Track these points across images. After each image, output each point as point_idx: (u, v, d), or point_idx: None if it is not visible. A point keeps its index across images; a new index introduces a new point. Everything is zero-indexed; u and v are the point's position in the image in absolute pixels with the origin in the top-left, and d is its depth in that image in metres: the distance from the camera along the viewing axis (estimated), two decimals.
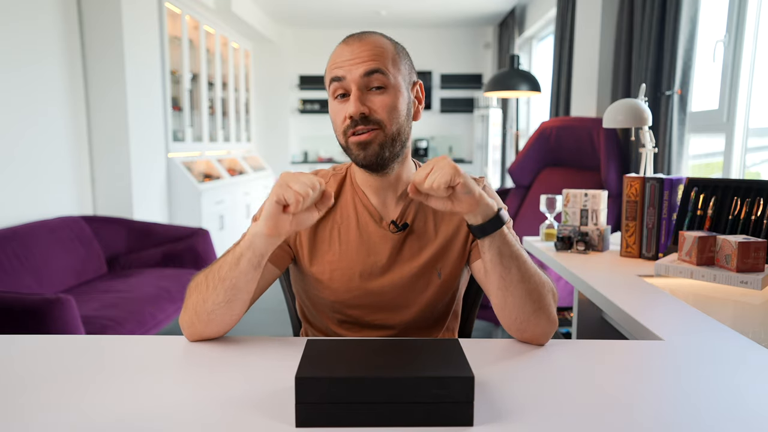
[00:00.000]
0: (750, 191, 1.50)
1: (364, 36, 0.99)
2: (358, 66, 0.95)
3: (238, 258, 0.90)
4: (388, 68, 0.96)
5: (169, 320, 2.75)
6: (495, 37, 6.75)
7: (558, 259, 1.68)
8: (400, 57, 1.00)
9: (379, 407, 0.68)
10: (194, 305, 0.93)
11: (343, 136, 0.99)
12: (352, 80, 0.95)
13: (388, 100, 0.96)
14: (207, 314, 0.92)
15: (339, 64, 0.96)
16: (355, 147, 0.98)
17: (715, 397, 0.77)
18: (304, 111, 7.15)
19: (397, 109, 0.98)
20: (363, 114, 0.95)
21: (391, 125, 0.97)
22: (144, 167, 3.89)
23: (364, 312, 1.06)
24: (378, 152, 0.97)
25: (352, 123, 0.96)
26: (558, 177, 3.45)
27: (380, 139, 0.97)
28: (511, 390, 0.78)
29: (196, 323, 0.94)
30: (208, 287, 0.92)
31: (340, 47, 0.99)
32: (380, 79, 0.96)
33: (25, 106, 2.97)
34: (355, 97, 0.95)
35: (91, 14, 3.49)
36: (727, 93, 2.27)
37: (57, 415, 0.71)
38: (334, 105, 0.99)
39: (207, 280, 0.93)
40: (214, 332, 0.95)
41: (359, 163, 1.00)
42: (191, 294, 0.95)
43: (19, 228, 2.77)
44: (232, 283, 0.90)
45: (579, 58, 3.68)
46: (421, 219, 1.06)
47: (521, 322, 0.93)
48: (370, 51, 0.96)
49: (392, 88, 0.97)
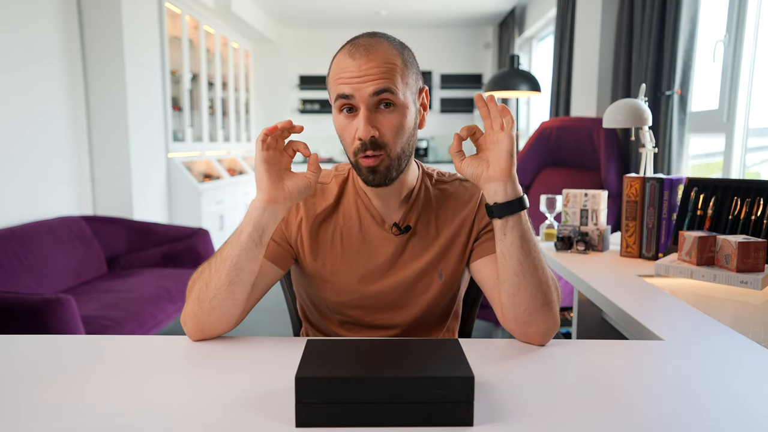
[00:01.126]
0: (750, 191, 1.50)
1: (371, 48, 0.94)
2: (368, 85, 0.92)
3: (239, 234, 0.92)
4: (398, 86, 0.94)
5: (169, 320, 2.75)
6: (495, 37, 6.75)
7: (558, 259, 1.69)
8: (408, 68, 0.97)
9: (379, 407, 0.68)
10: (197, 294, 0.94)
11: (353, 155, 0.98)
12: (360, 99, 0.93)
13: (396, 120, 0.95)
14: (209, 301, 0.93)
15: (346, 80, 0.93)
16: (365, 169, 0.97)
17: (715, 397, 0.77)
18: (304, 111, 7.15)
19: (404, 129, 0.96)
20: (372, 137, 0.94)
21: (396, 147, 0.96)
22: (144, 167, 3.89)
23: (365, 313, 1.06)
24: (386, 175, 0.97)
25: (362, 146, 0.95)
26: (558, 177, 3.45)
27: (386, 163, 0.96)
28: (511, 390, 0.78)
29: (198, 313, 0.94)
30: (211, 271, 0.94)
31: (346, 59, 0.94)
32: (389, 96, 0.93)
33: (25, 106, 2.97)
34: (365, 120, 0.93)
35: (91, 14, 3.50)
36: (727, 93, 2.27)
37: (57, 414, 0.71)
38: (340, 119, 0.97)
39: (210, 265, 0.95)
40: (216, 323, 0.94)
41: (368, 183, 0.99)
42: (194, 284, 0.96)
43: (19, 228, 2.77)
44: (233, 262, 0.91)
45: (579, 58, 3.68)
46: (424, 221, 1.06)
47: (530, 314, 0.92)
48: (379, 68, 0.92)
49: (401, 106, 0.95)
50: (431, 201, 1.07)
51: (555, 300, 0.95)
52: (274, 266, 1.03)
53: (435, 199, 1.08)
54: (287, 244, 1.05)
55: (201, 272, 0.96)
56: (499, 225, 0.92)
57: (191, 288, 0.97)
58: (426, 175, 1.10)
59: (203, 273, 0.95)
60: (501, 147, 0.90)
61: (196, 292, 0.95)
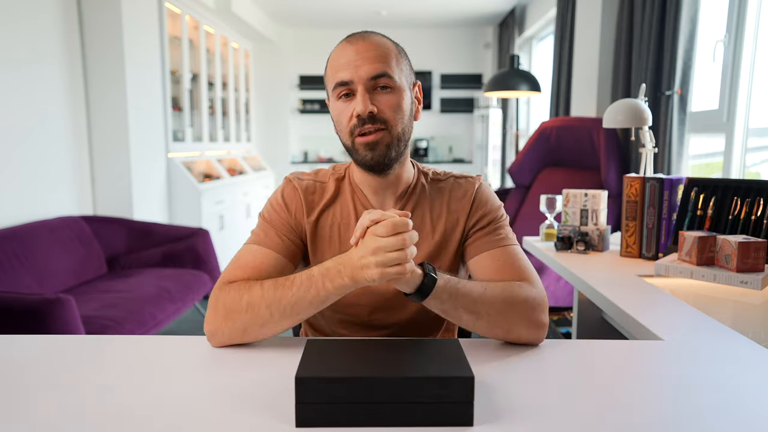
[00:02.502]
0: (750, 191, 1.50)
1: (366, 36, 0.99)
2: (365, 67, 0.95)
3: (323, 301, 0.89)
4: (393, 69, 0.97)
5: (169, 320, 2.74)
6: (495, 37, 6.75)
7: (558, 259, 1.69)
8: (402, 57, 1.01)
9: (379, 407, 0.68)
10: (244, 325, 0.90)
11: (349, 136, 0.98)
12: (358, 81, 0.95)
13: (394, 99, 0.97)
14: (257, 336, 0.92)
15: (344, 65, 0.96)
16: (362, 148, 0.98)
17: (715, 397, 0.77)
18: (304, 111, 7.15)
19: (402, 109, 0.99)
20: (371, 112, 0.95)
21: (397, 125, 0.98)
22: (144, 167, 3.89)
23: (364, 310, 1.06)
24: (385, 153, 0.98)
25: (360, 122, 0.96)
26: (558, 177, 3.45)
27: (387, 139, 0.97)
28: (511, 390, 0.78)
29: (236, 338, 0.92)
30: (273, 317, 0.89)
31: (343, 46, 0.99)
32: (386, 80, 0.96)
33: (25, 107, 2.97)
34: (363, 96, 0.95)
35: (91, 14, 3.49)
36: (727, 93, 2.27)
37: (57, 415, 0.71)
38: (338, 105, 0.99)
39: (271, 310, 0.89)
40: (246, 342, 0.95)
41: (366, 164, 0.99)
42: (240, 314, 0.90)
43: (19, 228, 2.77)
44: (303, 317, 0.91)
45: (579, 58, 3.68)
46: (418, 216, 1.07)
47: (499, 338, 0.95)
48: (376, 52, 0.96)
49: (397, 88, 0.98)
50: (426, 197, 1.08)
51: (526, 316, 0.93)
52: (288, 262, 1.03)
53: (430, 196, 1.08)
54: (299, 239, 1.05)
55: (252, 306, 0.90)
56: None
57: (235, 313, 0.91)
58: (421, 173, 1.11)
59: (259, 312, 0.89)
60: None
61: (242, 323, 0.90)
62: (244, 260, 1.00)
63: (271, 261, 1.00)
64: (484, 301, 0.91)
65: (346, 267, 0.86)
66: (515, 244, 1.04)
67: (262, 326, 0.91)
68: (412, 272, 0.85)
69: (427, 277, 0.87)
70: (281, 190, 1.08)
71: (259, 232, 1.04)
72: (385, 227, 0.81)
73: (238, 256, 1.01)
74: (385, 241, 0.81)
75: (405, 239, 0.81)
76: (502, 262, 1.01)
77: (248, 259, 1.00)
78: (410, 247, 0.82)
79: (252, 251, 1.01)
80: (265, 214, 1.06)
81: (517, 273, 0.99)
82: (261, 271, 0.98)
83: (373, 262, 0.81)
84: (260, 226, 1.05)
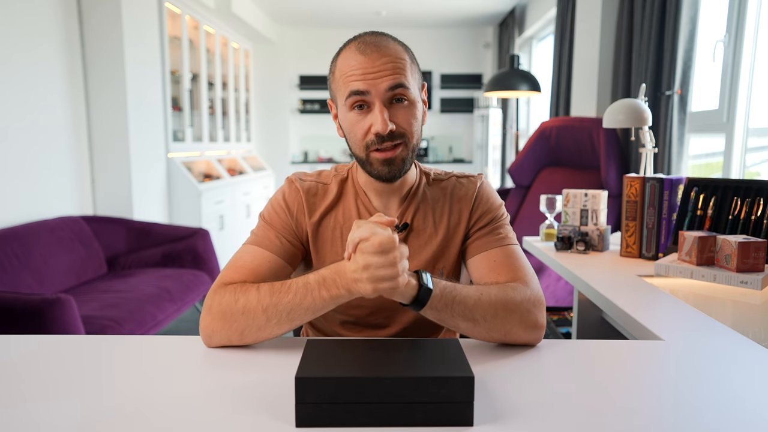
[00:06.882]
0: (750, 191, 1.50)
1: (380, 44, 0.96)
2: (383, 80, 0.93)
3: (320, 308, 0.89)
4: (409, 80, 0.96)
5: (169, 320, 2.75)
6: (495, 37, 6.75)
7: (558, 259, 1.68)
8: (414, 65, 1.00)
9: (380, 407, 0.68)
10: (241, 329, 0.90)
11: (365, 149, 0.98)
12: (376, 94, 0.94)
13: (410, 112, 0.97)
14: (255, 339, 0.91)
15: (359, 77, 0.94)
16: (378, 163, 0.97)
17: (715, 397, 0.77)
18: (304, 111, 7.15)
19: (417, 120, 0.99)
20: (391, 131, 0.95)
21: (413, 137, 0.99)
22: (144, 167, 3.89)
23: (366, 312, 1.06)
24: (401, 167, 0.98)
25: (378, 139, 0.95)
26: (558, 177, 3.45)
27: (404, 154, 0.98)
28: (511, 390, 0.78)
29: (234, 341, 0.92)
30: (270, 322, 0.89)
31: (356, 55, 0.95)
32: (403, 91, 0.95)
33: (25, 107, 2.97)
34: (382, 113, 0.94)
35: (90, 14, 3.49)
36: (727, 93, 2.27)
37: (57, 415, 0.71)
38: (351, 116, 0.97)
39: (267, 314, 0.88)
40: (243, 344, 0.95)
41: (381, 178, 0.99)
42: (235, 316, 0.89)
43: (19, 228, 2.77)
44: (300, 323, 0.91)
45: (579, 58, 3.68)
46: (421, 217, 1.07)
47: (497, 342, 0.95)
48: (392, 64, 0.95)
49: (412, 100, 0.97)
50: (428, 198, 1.08)
51: (523, 319, 0.92)
52: (287, 264, 1.03)
53: (432, 196, 1.08)
54: (299, 242, 1.05)
55: (248, 310, 0.89)
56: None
57: (231, 316, 0.90)
58: (423, 173, 1.11)
59: (255, 316, 0.89)
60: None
61: (239, 327, 0.90)
62: (241, 262, 0.99)
63: (269, 263, 0.99)
64: (480, 307, 0.90)
65: (341, 278, 0.85)
66: (514, 244, 1.04)
67: (259, 330, 0.90)
68: (407, 284, 0.84)
69: (422, 288, 0.86)
70: (283, 191, 1.07)
71: (258, 233, 1.03)
72: (372, 247, 0.80)
73: (237, 256, 1.01)
74: (375, 260, 0.80)
75: (395, 257, 0.80)
76: (498, 262, 1.01)
77: (246, 260, 0.99)
78: (402, 262, 0.81)
79: (250, 252, 1.01)
80: (265, 214, 1.06)
81: (512, 273, 0.99)
82: (258, 274, 0.97)
83: (365, 277, 0.81)
84: (260, 226, 1.04)
